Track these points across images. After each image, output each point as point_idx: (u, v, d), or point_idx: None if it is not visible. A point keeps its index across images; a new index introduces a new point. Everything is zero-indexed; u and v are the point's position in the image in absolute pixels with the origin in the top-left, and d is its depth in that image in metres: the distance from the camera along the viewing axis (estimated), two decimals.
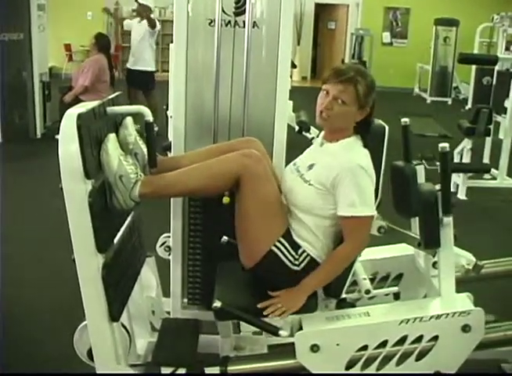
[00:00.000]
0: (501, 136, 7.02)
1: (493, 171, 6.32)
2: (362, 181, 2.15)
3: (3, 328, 3.07)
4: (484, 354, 2.60)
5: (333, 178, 2.15)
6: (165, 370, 2.33)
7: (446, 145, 2.28)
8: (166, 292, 2.91)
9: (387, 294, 2.53)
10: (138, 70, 7.77)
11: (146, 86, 7.78)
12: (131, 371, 2.24)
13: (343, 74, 2.21)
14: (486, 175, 6.45)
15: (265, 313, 2.16)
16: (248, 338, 2.65)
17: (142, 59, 7.73)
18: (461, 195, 6.08)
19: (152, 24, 7.50)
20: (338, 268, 2.22)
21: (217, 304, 2.15)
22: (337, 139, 2.28)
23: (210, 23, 2.59)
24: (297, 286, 2.22)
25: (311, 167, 2.27)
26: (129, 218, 2.45)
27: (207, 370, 2.30)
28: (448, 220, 2.34)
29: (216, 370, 2.29)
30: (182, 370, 2.32)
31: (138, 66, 7.77)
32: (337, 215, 2.19)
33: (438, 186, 2.36)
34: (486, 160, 6.53)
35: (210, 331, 2.64)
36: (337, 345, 2.21)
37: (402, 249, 2.79)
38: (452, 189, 6.20)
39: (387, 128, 2.26)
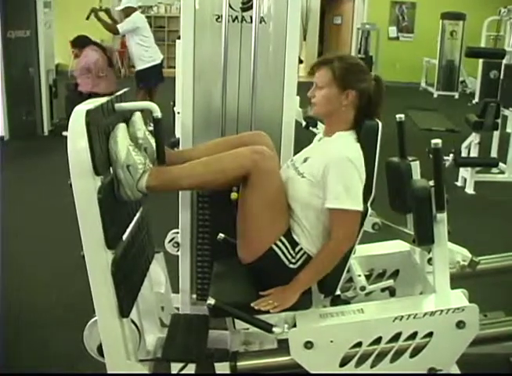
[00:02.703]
0: (509, 130, 7.01)
1: (501, 165, 6.30)
2: (349, 174, 2.14)
3: (2, 327, 3.08)
4: (493, 348, 2.62)
5: (323, 170, 2.16)
6: (175, 366, 2.33)
7: (439, 141, 2.27)
8: (175, 288, 2.92)
9: (383, 291, 2.51)
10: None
11: (136, 84, 7.70)
12: (141, 367, 2.25)
13: (319, 60, 2.28)
14: (494, 170, 6.43)
15: (256, 308, 2.16)
16: (257, 333, 2.65)
17: (134, 59, 7.72)
18: (469, 189, 6.06)
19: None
20: (327, 263, 2.20)
21: (210, 301, 2.16)
22: (334, 132, 2.29)
23: (217, 19, 2.60)
24: (288, 286, 2.21)
25: (305, 160, 2.28)
26: (138, 215, 2.45)
27: (217, 366, 2.30)
28: (442, 216, 2.31)
29: (226, 365, 2.29)
30: (191, 366, 2.33)
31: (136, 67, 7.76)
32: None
33: (432, 182, 2.35)
34: (494, 154, 6.50)
35: (220, 327, 2.65)
36: (331, 342, 2.20)
37: (398, 245, 2.78)
38: (460, 184, 6.20)
39: (380, 124, 2.26)
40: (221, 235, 2.56)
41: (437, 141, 2.27)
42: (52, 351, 2.97)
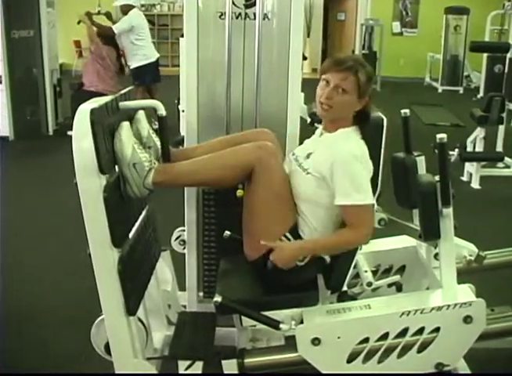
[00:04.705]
0: None
1: (507, 159, 6.28)
2: (356, 170, 2.15)
3: (2, 327, 3.08)
4: (500, 343, 2.63)
5: (329, 168, 2.16)
6: (182, 364, 2.33)
7: (444, 136, 2.26)
8: (181, 286, 2.93)
9: (390, 286, 2.51)
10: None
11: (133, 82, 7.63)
12: (148, 365, 2.25)
13: (343, 63, 2.22)
14: (500, 164, 6.41)
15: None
16: (265, 330, 2.65)
17: (128, 57, 7.68)
18: (474, 184, 6.05)
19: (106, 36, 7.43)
20: (338, 248, 2.22)
21: (217, 299, 2.17)
22: (336, 129, 2.28)
23: (220, 16, 2.59)
24: (292, 243, 2.21)
25: (309, 156, 2.27)
26: (144, 213, 2.46)
27: (225, 363, 2.30)
28: (448, 211, 2.30)
29: (233, 362, 2.29)
30: (198, 363, 2.33)
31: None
32: (335, 205, 2.19)
33: (437, 177, 2.34)
34: (499, 148, 6.47)
35: (227, 324, 2.65)
36: (338, 338, 2.20)
37: (404, 241, 2.78)
38: (466, 179, 6.19)
39: (385, 119, 2.26)
40: (227, 232, 2.56)
41: (442, 136, 2.26)
42: (53, 351, 2.96)
